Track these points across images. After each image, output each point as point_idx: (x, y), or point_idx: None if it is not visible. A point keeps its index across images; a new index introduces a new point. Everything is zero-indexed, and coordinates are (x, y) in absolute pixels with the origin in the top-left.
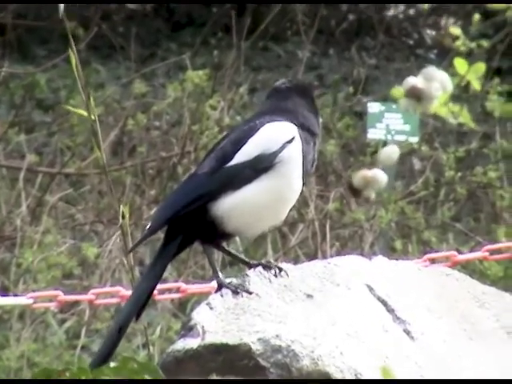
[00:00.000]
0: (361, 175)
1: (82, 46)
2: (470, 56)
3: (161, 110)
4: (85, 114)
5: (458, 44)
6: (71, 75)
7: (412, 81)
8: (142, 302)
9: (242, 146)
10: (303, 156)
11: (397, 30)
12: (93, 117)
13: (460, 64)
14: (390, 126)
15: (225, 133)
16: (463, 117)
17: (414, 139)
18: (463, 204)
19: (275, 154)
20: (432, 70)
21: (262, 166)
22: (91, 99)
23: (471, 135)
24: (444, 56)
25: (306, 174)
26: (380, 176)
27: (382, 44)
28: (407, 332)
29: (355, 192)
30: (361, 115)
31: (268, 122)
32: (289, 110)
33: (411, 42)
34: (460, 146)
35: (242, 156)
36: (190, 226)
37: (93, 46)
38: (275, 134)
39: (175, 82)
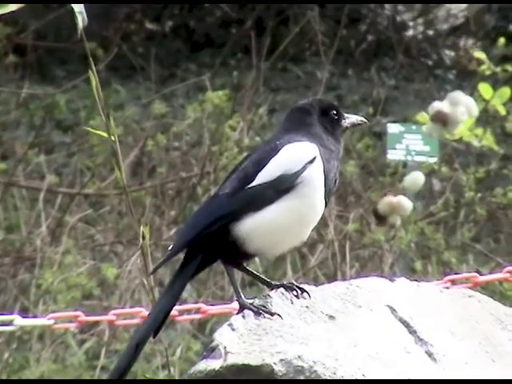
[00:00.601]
0: (386, 202)
1: (102, 67)
2: (490, 79)
3: (180, 130)
4: (105, 135)
5: (484, 68)
6: (90, 96)
7: (438, 105)
8: (159, 320)
9: (263, 166)
10: (325, 175)
11: (416, 50)
12: (113, 138)
13: (485, 89)
14: (409, 146)
15: (245, 154)
16: (486, 140)
17: (434, 160)
18: (483, 225)
19: (297, 174)
20: (458, 95)
21: (284, 186)
22: (111, 120)
23: (491, 156)
24: (463, 77)
25: (328, 194)
26: (405, 203)
27: (401, 64)
28: (429, 354)
29: (380, 219)
30: (380, 136)
31: (289, 142)
32: (309, 129)
33: (430, 63)
34: (480, 167)
35: (264, 177)
36: (211, 246)
37: (112, 66)
38: (296, 155)
39: (195, 103)
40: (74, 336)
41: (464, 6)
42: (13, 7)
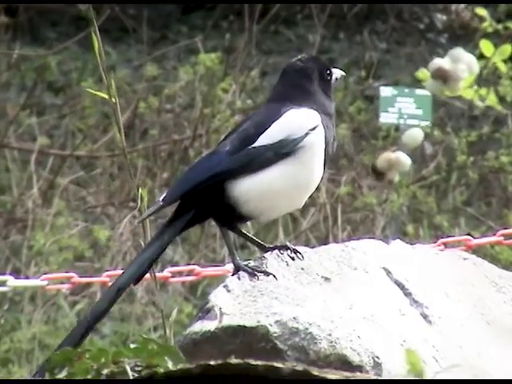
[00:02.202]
0: (384, 158)
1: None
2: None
3: (173, 92)
4: (105, 96)
5: (485, 25)
6: (82, 57)
7: (438, 62)
8: (144, 268)
9: (265, 129)
10: (326, 143)
11: (407, 14)
12: (114, 100)
13: (486, 46)
14: (402, 110)
15: (237, 116)
16: (490, 100)
17: (426, 123)
18: (475, 188)
19: (298, 140)
20: (459, 52)
21: (284, 150)
22: (112, 81)
23: (483, 120)
24: (454, 40)
25: (328, 159)
26: (404, 158)
27: (392, 28)
28: (424, 316)
29: (379, 174)
30: (372, 99)
31: (292, 107)
32: (310, 94)
33: (422, 26)
34: (472, 131)
35: (266, 139)
36: (205, 203)
37: (104, 28)
38: (300, 121)
39: (187, 65)
40: (65, 298)
41: None
42: None
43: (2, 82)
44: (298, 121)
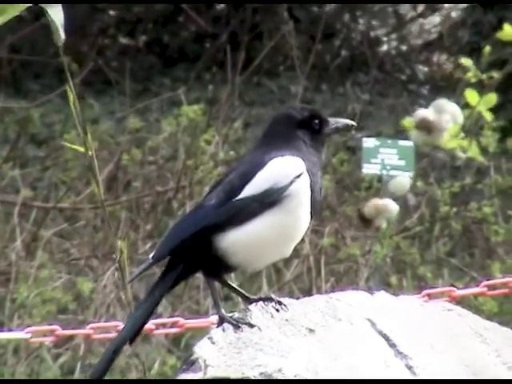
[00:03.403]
0: (372, 205)
1: (77, 81)
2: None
3: (156, 144)
4: (81, 149)
5: (470, 75)
6: (65, 110)
7: (423, 113)
8: (137, 327)
9: (250, 179)
10: (311, 190)
11: (390, 65)
12: (90, 152)
13: (471, 95)
14: (384, 160)
15: (220, 168)
16: (472, 151)
17: (409, 174)
18: (458, 239)
19: (284, 188)
20: (442, 103)
21: (270, 200)
22: (88, 135)
23: (465, 170)
24: (437, 91)
25: (314, 206)
26: (391, 205)
27: (375, 79)
28: (409, 367)
29: (366, 221)
30: (354, 150)
31: (275, 156)
32: (291, 142)
33: (404, 78)
34: (454, 181)
35: (250, 190)
36: (194, 257)
37: (87, 81)
38: (283, 169)
39: (170, 117)
40: (49, 350)
41: (437, 20)
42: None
43: None
44: (282, 169)
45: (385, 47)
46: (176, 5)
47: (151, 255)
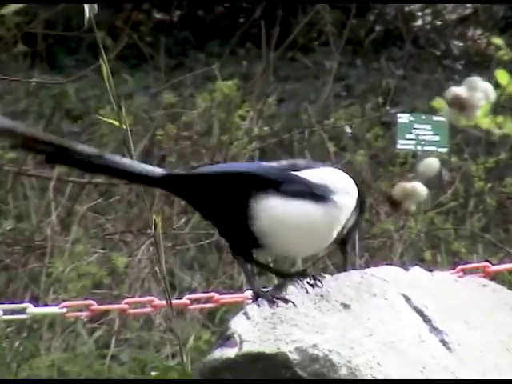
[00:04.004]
0: (400, 187)
1: (111, 56)
2: (503, 66)
3: (190, 120)
4: (116, 123)
5: (501, 53)
6: (100, 85)
7: (455, 90)
8: None
9: (312, 168)
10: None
11: (424, 40)
12: (124, 126)
13: (501, 75)
14: (419, 136)
15: (254, 143)
16: (507, 127)
17: (444, 150)
18: (492, 215)
19: (335, 193)
20: (475, 80)
21: (318, 193)
22: (123, 109)
23: (500, 146)
24: (471, 67)
25: (340, 236)
26: (420, 188)
27: (409, 54)
28: (444, 343)
29: (395, 204)
30: (389, 126)
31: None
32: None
33: (438, 53)
34: (489, 157)
35: (309, 175)
36: (223, 201)
37: (121, 56)
38: (345, 181)
39: (204, 93)
40: (84, 325)
41: None
42: (13, 7)
43: (21, 109)
44: (342, 180)
45: (419, 22)
46: None
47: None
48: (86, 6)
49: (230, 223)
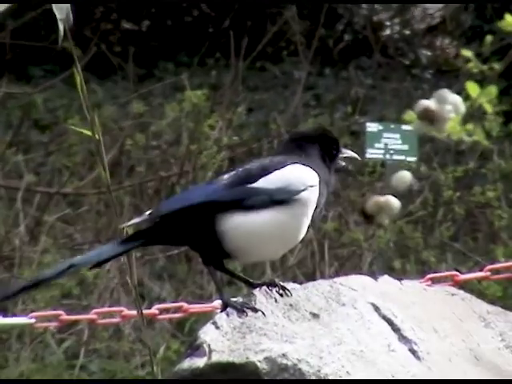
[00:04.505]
0: (374, 201)
1: (80, 66)
2: (471, 77)
3: (159, 129)
4: (89, 133)
5: (471, 66)
6: (68, 95)
7: (425, 103)
8: (102, 258)
9: (267, 173)
10: (316, 205)
11: (393, 49)
12: (97, 136)
13: (472, 87)
14: (388, 145)
15: (224, 153)
16: (477, 135)
17: (413, 159)
18: (461, 224)
19: (295, 192)
20: (445, 93)
21: (280, 198)
22: (96, 118)
23: (469, 155)
24: (439, 76)
25: (313, 221)
26: (393, 201)
27: (378, 64)
28: (413, 351)
29: (368, 218)
30: (358, 135)
31: (296, 163)
32: (311, 158)
33: (407, 62)
34: (458, 166)
35: (266, 182)
36: (190, 231)
37: (90, 66)
38: (301, 175)
39: (173, 102)
40: (53, 335)
41: (441, 5)
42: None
43: None
44: (299, 175)
45: (388, 31)
46: None
47: (148, 212)
48: (59, 18)
49: (201, 243)
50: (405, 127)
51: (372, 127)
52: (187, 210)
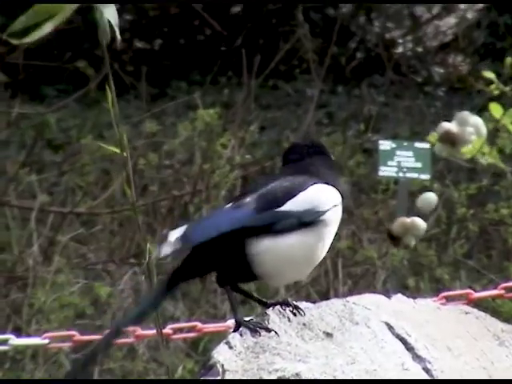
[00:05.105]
0: (400, 222)
1: (92, 86)
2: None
3: (172, 148)
4: (117, 150)
5: (493, 88)
6: (81, 115)
7: (446, 125)
8: (146, 311)
9: (292, 196)
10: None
11: (405, 67)
12: (125, 154)
13: (495, 108)
14: (401, 163)
15: (236, 171)
16: (493, 157)
17: (426, 176)
18: (475, 241)
19: (321, 213)
20: (466, 115)
21: (307, 220)
22: (124, 137)
23: (482, 172)
24: (452, 94)
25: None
26: (419, 223)
27: (390, 81)
28: (427, 370)
29: (394, 239)
30: (371, 152)
31: (317, 182)
32: (328, 173)
33: (420, 80)
34: (471, 183)
35: (293, 205)
36: (220, 256)
37: (102, 85)
38: (325, 196)
39: (185, 121)
40: (67, 355)
41: (453, 22)
42: (46, 29)
43: (2, 139)
44: (323, 195)
45: (400, 49)
46: (191, 8)
47: (175, 236)
48: (104, 30)
49: (230, 268)
50: (418, 145)
51: (385, 145)
52: (219, 238)
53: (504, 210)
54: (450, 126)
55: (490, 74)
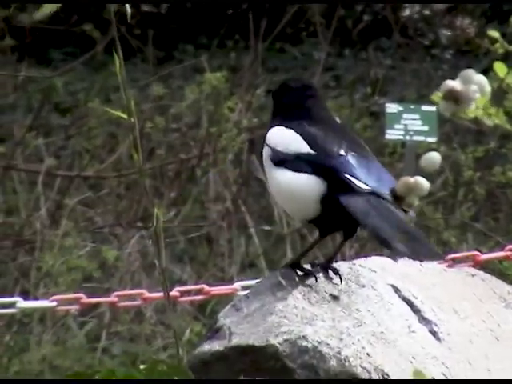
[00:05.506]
0: (403, 182)
1: (99, 49)
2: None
3: (179, 112)
4: (125, 116)
5: (497, 47)
6: (88, 78)
7: (450, 83)
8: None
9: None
10: None
11: (412, 30)
12: (132, 119)
13: (499, 68)
14: (408, 126)
15: (243, 135)
16: (499, 119)
17: (433, 139)
18: (482, 204)
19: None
20: (470, 73)
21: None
22: (131, 102)
23: (490, 135)
24: (459, 56)
25: None
26: (422, 182)
27: (397, 44)
28: (433, 333)
29: (397, 199)
30: (378, 116)
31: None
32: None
33: (427, 43)
34: (478, 146)
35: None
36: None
37: (109, 48)
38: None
39: (193, 85)
40: (74, 318)
41: None
42: (50, 8)
43: (9, 103)
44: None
45: (407, 12)
46: None
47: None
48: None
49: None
50: (425, 108)
51: (392, 108)
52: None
53: (511, 173)
54: (454, 84)
55: (494, 34)
